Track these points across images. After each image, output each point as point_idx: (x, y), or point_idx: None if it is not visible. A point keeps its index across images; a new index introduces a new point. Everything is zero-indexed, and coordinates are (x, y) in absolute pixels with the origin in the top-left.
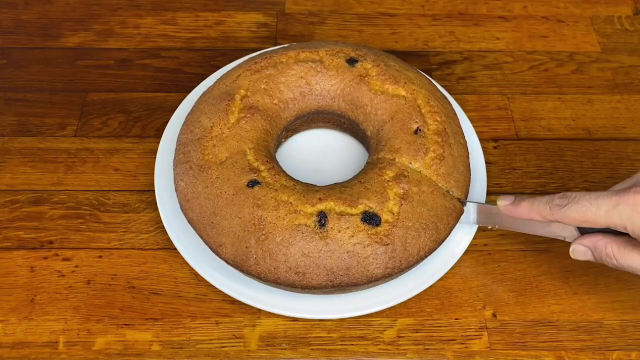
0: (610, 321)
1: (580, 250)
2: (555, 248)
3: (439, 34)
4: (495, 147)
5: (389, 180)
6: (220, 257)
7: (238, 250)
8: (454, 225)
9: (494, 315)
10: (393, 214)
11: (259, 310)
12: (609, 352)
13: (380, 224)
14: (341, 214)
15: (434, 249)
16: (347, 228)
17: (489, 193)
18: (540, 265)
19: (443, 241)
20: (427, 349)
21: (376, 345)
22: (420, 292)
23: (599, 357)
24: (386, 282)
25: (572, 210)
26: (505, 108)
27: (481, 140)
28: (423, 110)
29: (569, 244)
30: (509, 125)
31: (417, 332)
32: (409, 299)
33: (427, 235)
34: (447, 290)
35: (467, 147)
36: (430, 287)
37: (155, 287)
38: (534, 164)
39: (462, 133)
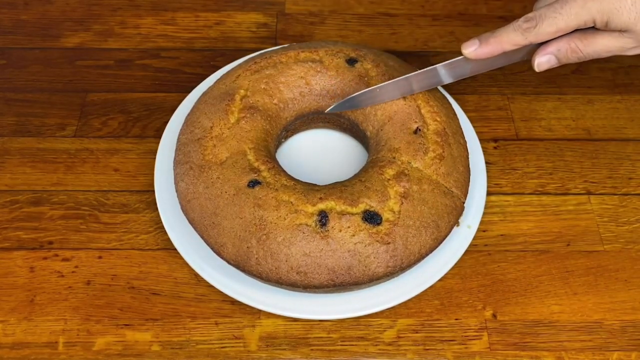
0: (610, 321)
1: (544, 60)
2: (555, 248)
3: (439, 34)
4: (495, 147)
5: (389, 179)
6: (222, 258)
7: (239, 250)
8: (454, 223)
9: (494, 315)
10: (394, 212)
11: (259, 311)
12: (609, 353)
13: (381, 222)
14: (342, 213)
15: (435, 247)
16: (348, 227)
17: (489, 193)
18: (540, 265)
19: (444, 239)
20: (427, 349)
21: (376, 345)
22: (420, 293)
23: (599, 357)
24: (387, 280)
25: (545, 26)
26: (505, 108)
27: (481, 140)
28: (423, 111)
29: (567, 245)
30: (509, 125)
31: (417, 333)
32: (408, 300)
33: (428, 233)
34: (447, 291)
35: (466, 147)
36: (430, 287)
37: (155, 287)
38: (534, 164)
39: (462, 133)
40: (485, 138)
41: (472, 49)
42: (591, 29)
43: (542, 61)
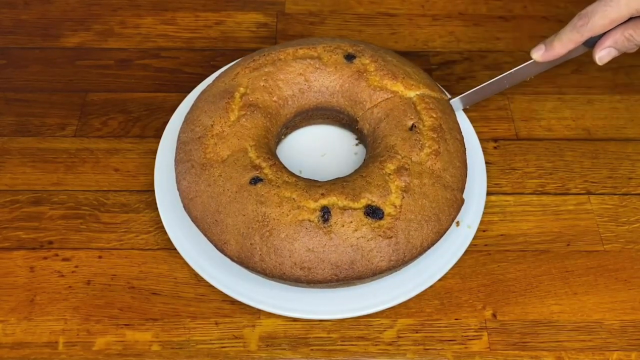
0: (610, 321)
1: (604, 53)
2: (555, 248)
3: (439, 34)
4: (495, 147)
5: (390, 174)
6: (225, 255)
7: (243, 247)
8: (455, 217)
9: (494, 315)
10: (395, 207)
11: (259, 311)
12: (608, 353)
13: (383, 217)
14: (344, 209)
15: (437, 241)
16: (351, 222)
17: (488, 193)
18: (540, 265)
19: (445, 232)
20: (427, 349)
21: (376, 345)
22: (420, 293)
23: (599, 357)
24: (390, 274)
25: (597, 19)
26: (505, 108)
27: (481, 140)
28: (418, 107)
29: (567, 245)
30: (509, 125)
31: (417, 333)
32: (408, 299)
33: (429, 227)
34: (447, 291)
35: (463, 143)
36: (430, 287)
37: (155, 287)
38: (534, 164)
39: (459, 129)
40: (485, 138)
41: (540, 53)
42: None
43: (603, 54)
